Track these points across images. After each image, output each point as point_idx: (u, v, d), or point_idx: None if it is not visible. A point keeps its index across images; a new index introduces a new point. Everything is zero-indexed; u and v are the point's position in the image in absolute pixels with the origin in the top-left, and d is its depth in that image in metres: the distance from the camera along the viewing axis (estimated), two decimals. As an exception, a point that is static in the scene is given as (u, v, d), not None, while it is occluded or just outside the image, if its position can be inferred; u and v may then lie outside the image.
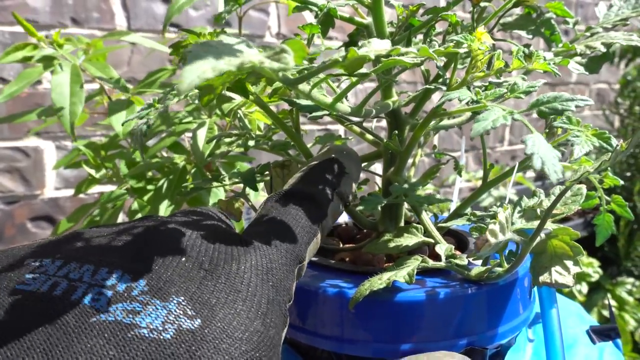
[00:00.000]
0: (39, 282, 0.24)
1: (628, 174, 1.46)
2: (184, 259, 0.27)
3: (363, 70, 0.34)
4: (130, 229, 0.29)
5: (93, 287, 0.23)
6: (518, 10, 0.49)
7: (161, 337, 0.22)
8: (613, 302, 1.31)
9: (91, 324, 0.22)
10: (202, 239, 0.29)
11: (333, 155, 0.37)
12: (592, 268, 1.32)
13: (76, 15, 1.09)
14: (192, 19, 1.23)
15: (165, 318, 0.23)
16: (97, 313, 0.22)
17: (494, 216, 0.36)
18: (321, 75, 0.35)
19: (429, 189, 1.22)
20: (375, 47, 0.29)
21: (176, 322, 0.23)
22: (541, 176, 1.74)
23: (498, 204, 0.43)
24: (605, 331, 0.43)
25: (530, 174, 1.92)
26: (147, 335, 0.22)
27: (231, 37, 0.26)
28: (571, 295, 1.29)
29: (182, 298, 0.24)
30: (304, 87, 0.32)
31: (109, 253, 0.26)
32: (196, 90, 0.39)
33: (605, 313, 1.29)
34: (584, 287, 1.31)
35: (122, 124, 0.59)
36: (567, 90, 2.11)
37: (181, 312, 0.23)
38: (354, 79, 0.33)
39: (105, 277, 0.24)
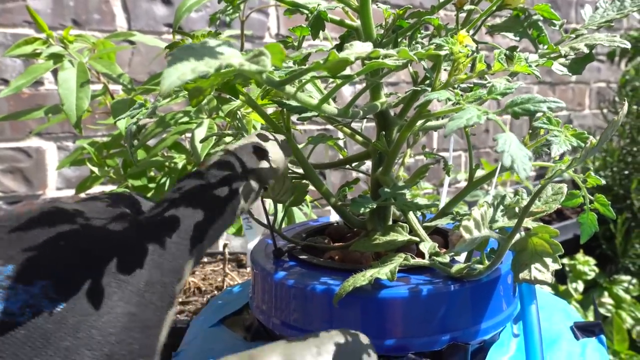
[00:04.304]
0: None
1: (626, 172, 1.47)
2: (63, 243, 0.26)
3: (348, 72, 0.35)
4: (24, 215, 0.29)
5: None
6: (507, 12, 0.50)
7: (16, 321, 0.23)
8: (609, 300, 1.32)
9: None
10: (94, 225, 0.28)
11: (255, 140, 0.37)
12: (588, 266, 1.32)
13: (77, 17, 1.10)
14: (192, 20, 1.25)
15: (26, 302, 0.23)
16: None
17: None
18: (307, 77, 0.36)
19: (427, 188, 1.23)
20: (357, 50, 0.30)
21: (36, 305, 0.23)
22: (540, 175, 1.75)
23: (495, 202, 0.44)
24: (589, 327, 0.43)
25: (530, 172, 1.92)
26: (2, 318, 0.23)
27: (215, 40, 0.27)
28: (567, 294, 1.30)
29: (48, 281, 0.24)
30: (289, 89, 0.33)
31: None
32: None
33: (602, 311, 1.29)
34: (580, 285, 1.32)
35: (116, 122, 0.61)
36: (567, 90, 2.11)
37: (44, 296, 0.24)
38: (339, 81, 0.34)
39: None
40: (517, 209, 0.37)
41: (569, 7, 2.10)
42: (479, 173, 0.45)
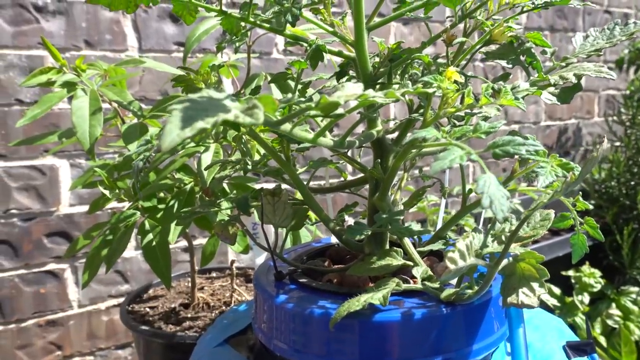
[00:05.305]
0: None
1: (632, 182, 1.47)
2: None
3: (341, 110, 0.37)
4: None
5: None
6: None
7: None
8: (617, 312, 1.32)
9: None
10: None
11: None
12: (594, 278, 1.32)
13: (89, 38, 1.13)
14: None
15: None
16: None
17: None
18: (306, 114, 0.38)
19: (433, 200, 1.25)
20: (346, 92, 0.32)
21: None
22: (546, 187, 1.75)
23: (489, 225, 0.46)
24: (581, 346, 0.45)
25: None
26: None
27: (215, 92, 0.29)
28: (573, 306, 1.30)
29: None
30: (285, 127, 0.35)
31: None
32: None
33: (610, 322, 1.30)
34: (586, 298, 1.32)
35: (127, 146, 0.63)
36: (575, 98, 2.11)
37: None
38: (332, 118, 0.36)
39: None
40: (503, 237, 0.39)
41: (576, 16, 2.10)
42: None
